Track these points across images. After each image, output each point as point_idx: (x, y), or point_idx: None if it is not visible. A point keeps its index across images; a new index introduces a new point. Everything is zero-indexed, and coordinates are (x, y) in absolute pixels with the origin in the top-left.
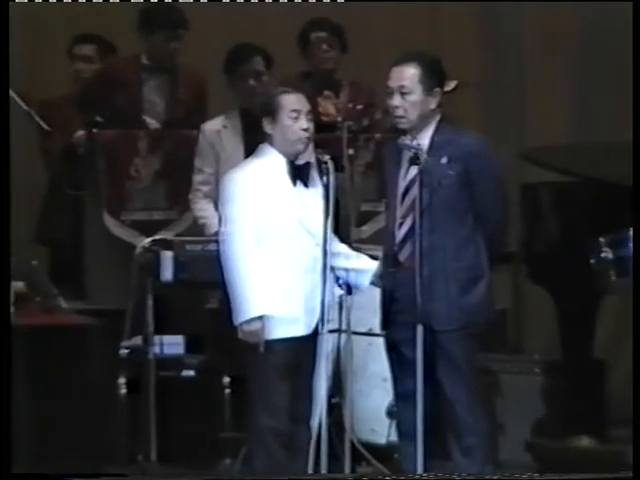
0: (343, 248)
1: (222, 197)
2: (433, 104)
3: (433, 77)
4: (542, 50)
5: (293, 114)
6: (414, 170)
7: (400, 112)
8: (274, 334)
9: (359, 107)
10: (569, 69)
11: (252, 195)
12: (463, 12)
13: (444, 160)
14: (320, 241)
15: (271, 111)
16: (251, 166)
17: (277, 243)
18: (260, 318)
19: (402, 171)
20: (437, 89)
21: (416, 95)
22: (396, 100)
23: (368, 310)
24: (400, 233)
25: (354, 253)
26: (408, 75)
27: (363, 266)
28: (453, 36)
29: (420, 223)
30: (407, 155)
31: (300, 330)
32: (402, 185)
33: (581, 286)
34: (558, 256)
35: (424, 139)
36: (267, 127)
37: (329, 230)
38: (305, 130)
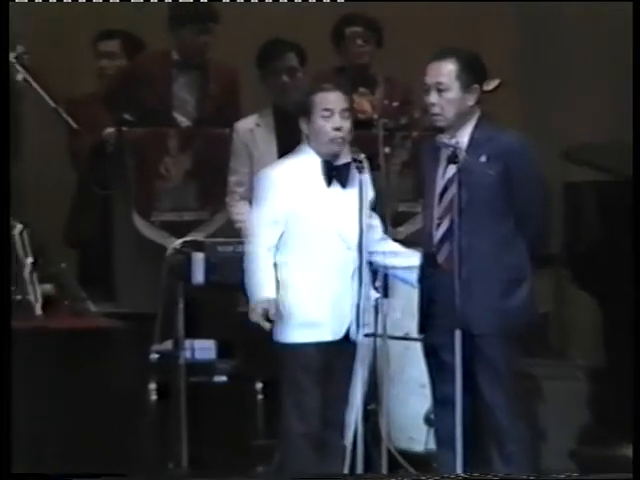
0: (393, 246)
1: (254, 195)
2: (471, 101)
3: (471, 73)
4: (583, 47)
5: (325, 113)
6: (452, 169)
7: (437, 109)
8: (300, 337)
9: (395, 104)
10: (612, 66)
11: (282, 194)
12: (502, 8)
13: (483, 159)
14: (352, 244)
15: (305, 110)
16: (284, 165)
17: (305, 245)
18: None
19: (440, 170)
20: (476, 85)
21: (453, 92)
22: (433, 97)
23: (405, 314)
24: (438, 234)
25: (404, 250)
26: (445, 71)
27: (415, 263)
28: (492, 32)
29: (459, 223)
30: (445, 153)
31: (327, 335)
32: (440, 184)
33: (625, 289)
34: (601, 258)
35: (463, 137)
36: (303, 126)
37: (365, 231)
38: (338, 129)
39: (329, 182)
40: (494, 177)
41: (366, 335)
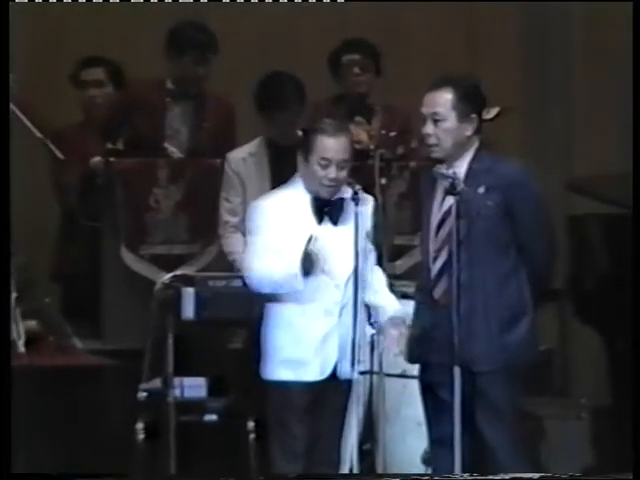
0: (377, 281)
1: (247, 227)
2: (469, 131)
3: (469, 102)
4: (589, 72)
5: (323, 162)
6: (449, 200)
7: (433, 140)
8: (283, 375)
9: (393, 134)
10: (619, 92)
11: (275, 225)
12: (504, 32)
13: (482, 190)
14: (340, 282)
15: (304, 148)
16: (277, 196)
17: None
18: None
19: (437, 201)
20: (473, 115)
21: (450, 122)
22: (429, 128)
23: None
24: (435, 267)
25: (385, 290)
26: (441, 101)
27: (387, 304)
28: (494, 58)
29: (457, 257)
30: (442, 185)
31: (310, 375)
32: (437, 216)
33: (633, 325)
34: (608, 293)
35: (461, 167)
36: (299, 162)
37: (362, 265)
38: (332, 180)
39: (320, 219)
40: (493, 208)
41: (361, 373)
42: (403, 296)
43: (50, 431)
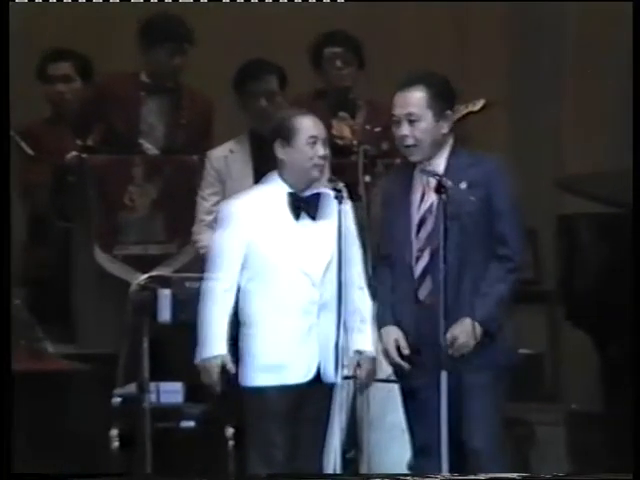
0: (359, 315)
1: (216, 228)
2: (445, 128)
3: (443, 99)
4: (580, 67)
5: (311, 140)
6: (431, 198)
7: (410, 141)
8: (263, 381)
9: (377, 129)
10: (612, 88)
11: (243, 228)
12: (493, 25)
13: (464, 185)
14: (316, 280)
15: (285, 135)
16: (248, 195)
17: (266, 282)
18: (215, 358)
19: (416, 199)
20: (448, 112)
21: (426, 122)
22: (405, 129)
23: None
24: (418, 268)
25: (365, 327)
26: (415, 101)
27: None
28: (483, 51)
29: (444, 256)
30: (421, 183)
31: (290, 378)
32: (417, 215)
33: (625, 328)
34: (599, 295)
35: (439, 165)
36: (280, 151)
37: (345, 266)
38: (323, 157)
39: (297, 215)
40: (476, 204)
41: (345, 377)
42: None
43: (20, 439)
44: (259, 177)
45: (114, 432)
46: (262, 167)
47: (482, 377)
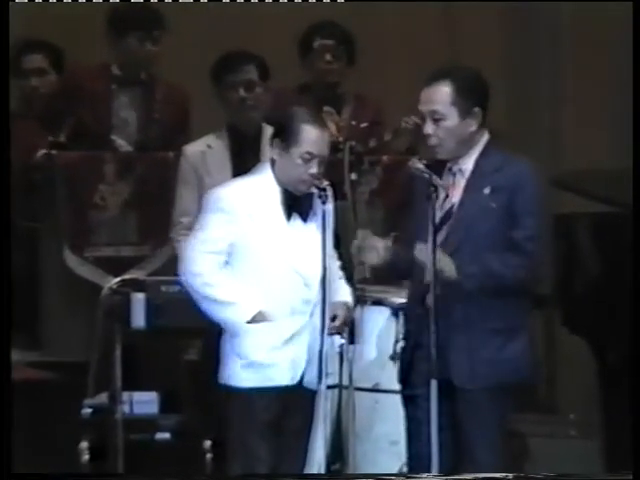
0: (342, 287)
1: (199, 218)
2: (473, 126)
3: (470, 95)
4: (579, 61)
5: (307, 156)
6: (450, 202)
7: (434, 141)
8: (248, 381)
9: (364, 125)
10: (611, 83)
11: (231, 219)
12: (487, 18)
13: (487, 190)
14: (310, 281)
15: (286, 136)
16: (238, 184)
17: (256, 279)
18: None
19: (438, 202)
20: (476, 109)
21: (451, 120)
22: (429, 127)
23: (374, 363)
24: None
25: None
26: (439, 97)
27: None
28: (476, 46)
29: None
30: (446, 181)
31: (278, 379)
32: (437, 218)
33: (626, 335)
34: (599, 299)
35: (467, 164)
36: (273, 149)
37: (330, 268)
38: (312, 176)
39: (289, 215)
40: (496, 211)
41: (329, 387)
42: (375, 302)
43: None
44: (239, 174)
45: (84, 445)
46: (242, 164)
47: (486, 391)
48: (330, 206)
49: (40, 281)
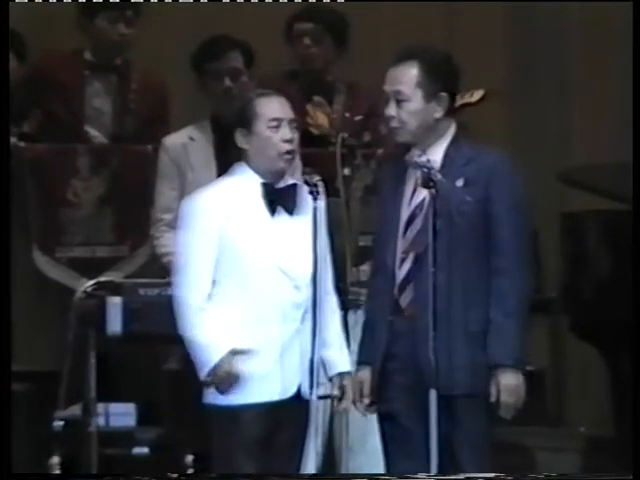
0: (333, 329)
1: (178, 226)
2: (439, 112)
3: (437, 78)
4: (585, 53)
5: (273, 123)
6: (422, 194)
7: (395, 123)
8: (237, 397)
9: (358, 117)
10: (617, 75)
11: (213, 224)
12: (487, 5)
13: (460, 183)
14: (300, 282)
15: (246, 120)
16: (217, 187)
17: (242, 284)
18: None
19: (407, 195)
20: (443, 94)
21: (414, 102)
22: (391, 109)
23: None
24: (401, 272)
25: (339, 343)
26: (404, 78)
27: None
28: (477, 32)
29: (434, 259)
30: (414, 175)
31: (274, 392)
32: (406, 212)
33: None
34: (608, 303)
35: (436, 155)
36: (241, 140)
37: (321, 271)
38: (288, 142)
39: (273, 209)
40: (472, 204)
41: (320, 397)
42: None
43: None
44: (223, 168)
45: (55, 460)
46: (226, 157)
47: (473, 398)
48: (322, 203)
49: (8, 283)
